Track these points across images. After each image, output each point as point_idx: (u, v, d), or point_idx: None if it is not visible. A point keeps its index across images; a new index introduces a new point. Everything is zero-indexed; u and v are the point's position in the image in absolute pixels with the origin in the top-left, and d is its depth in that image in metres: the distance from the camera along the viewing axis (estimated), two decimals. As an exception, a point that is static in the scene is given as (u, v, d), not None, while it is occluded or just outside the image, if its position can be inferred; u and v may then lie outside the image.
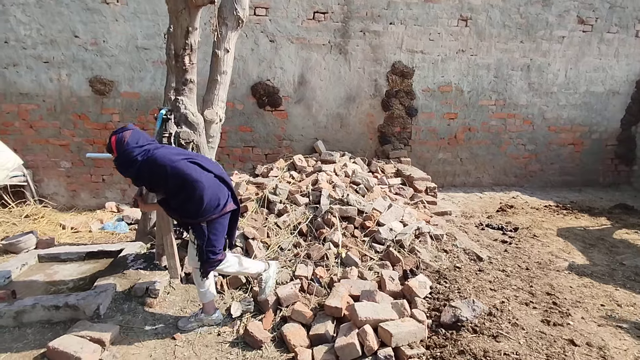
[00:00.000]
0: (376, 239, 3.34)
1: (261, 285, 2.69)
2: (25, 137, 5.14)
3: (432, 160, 6.04)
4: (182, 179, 2.30)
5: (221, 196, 2.43)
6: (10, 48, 4.88)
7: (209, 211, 2.37)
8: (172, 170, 2.29)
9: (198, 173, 2.34)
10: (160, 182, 2.36)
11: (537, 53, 5.94)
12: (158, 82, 5.14)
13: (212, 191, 2.37)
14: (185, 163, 2.33)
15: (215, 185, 2.41)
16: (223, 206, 2.43)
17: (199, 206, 2.34)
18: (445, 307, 2.47)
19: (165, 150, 2.38)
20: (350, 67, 5.52)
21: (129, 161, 2.29)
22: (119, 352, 2.30)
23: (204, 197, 2.33)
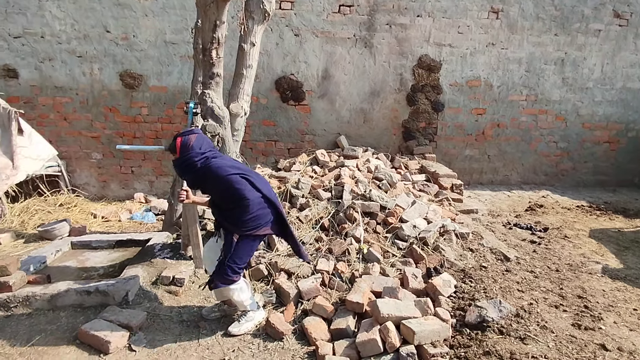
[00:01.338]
0: (399, 235, 3.29)
1: (240, 320, 2.55)
2: (59, 128, 5.36)
3: (458, 157, 5.89)
4: (232, 192, 2.34)
5: (263, 218, 2.43)
6: (46, 43, 5.08)
7: (246, 227, 2.37)
8: (225, 181, 2.33)
9: (247, 190, 2.36)
10: (212, 189, 2.43)
11: (572, 47, 5.67)
12: (185, 76, 5.24)
13: (255, 210, 2.37)
14: (237, 178, 2.36)
15: (261, 206, 2.41)
16: (259, 227, 2.42)
17: (240, 219, 2.37)
18: (471, 307, 2.40)
19: (222, 161, 2.41)
20: (375, 61, 5.44)
21: (189, 166, 2.34)
22: (146, 337, 2.38)
23: (246, 213, 2.35)
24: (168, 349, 2.31)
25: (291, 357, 2.28)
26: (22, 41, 5.06)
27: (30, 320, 2.49)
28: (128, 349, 2.27)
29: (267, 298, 2.80)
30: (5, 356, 2.18)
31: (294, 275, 2.99)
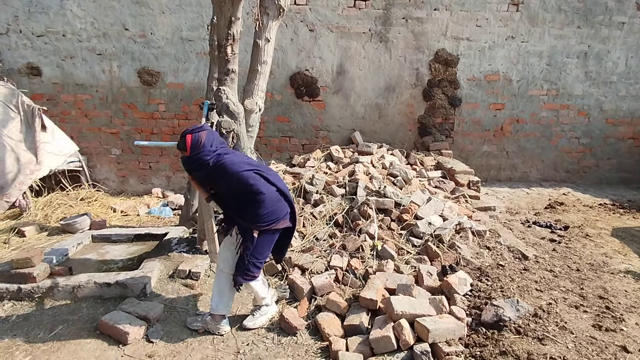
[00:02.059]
0: (414, 232, 3.26)
1: (255, 314, 2.57)
2: (80, 125, 5.50)
3: (475, 153, 5.78)
4: (246, 188, 2.30)
5: (279, 211, 2.39)
6: (67, 41, 5.21)
7: (264, 221, 2.34)
8: (239, 178, 2.29)
9: (262, 184, 2.32)
10: (226, 186, 2.36)
11: (595, 40, 5.47)
12: (201, 73, 5.29)
13: (272, 204, 2.34)
14: (251, 173, 2.32)
15: (276, 199, 2.38)
16: (278, 221, 2.39)
17: (256, 214, 2.32)
18: (487, 306, 2.36)
19: (234, 157, 2.37)
20: (391, 56, 5.38)
21: (200, 164, 2.30)
22: (163, 329, 2.43)
23: (263, 208, 2.31)
24: (185, 341, 2.35)
25: (304, 351, 2.29)
26: (44, 40, 5.20)
27: (53, 310, 2.58)
28: (146, 340, 2.33)
29: (281, 293, 2.82)
30: (30, 345, 2.27)
31: (307, 271, 3.00)
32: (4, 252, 3.54)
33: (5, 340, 2.30)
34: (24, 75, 5.29)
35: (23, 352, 2.20)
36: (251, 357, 2.25)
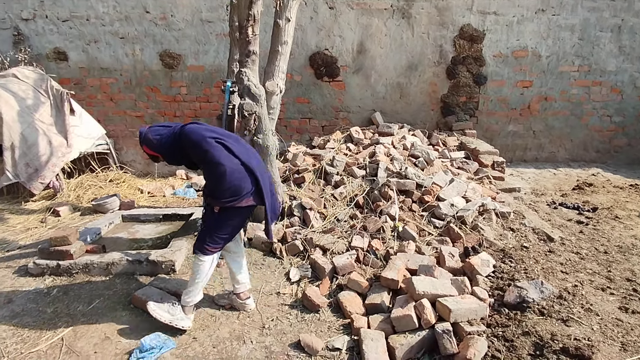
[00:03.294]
0: (435, 214, 3.24)
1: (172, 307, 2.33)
2: (106, 108, 5.65)
3: (500, 133, 5.63)
4: (206, 156, 2.17)
5: (242, 189, 2.20)
6: (91, 25, 5.30)
7: (224, 198, 2.18)
8: (199, 145, 2.18)
9: (223, 155, 2.17)
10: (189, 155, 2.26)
11: (629, 13, 5.14)
12: (221, 55, 5.30)
13: (234, 178, 2.17)
14: (211, 141, 2.17)
15: (239, 174, 2.20)
16: (240, 199, 2.20)
17: (216, 189, 2.18)
18: (510, 287, 2.35)
19: (195, 126, 2.27)
20: (414, 33, 5.22)
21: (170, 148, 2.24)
22: (191, 305, 2.54)
23: (223, 182, 2.16)
24: (213, 315, 2.46)
25: (327, 328, 2.36)
26: (69, 24, 5.30)
27: (90, 285, 2.73)
28: (176, 314, 2.44)
29: (303, 272, 2.89)
30: (71, 316, 2.43)
31: (328, 252, 3.05)
32: (42, 230, 3.74)
33: (48, 312, 2.47)
34: (52, 60, 5.44)
35: (65, 323, 2.36)
36: (276, 331, 2.34)
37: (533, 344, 2.00)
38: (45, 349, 2.16)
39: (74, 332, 2.29)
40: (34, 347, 2.17)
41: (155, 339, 2.14)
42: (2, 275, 2.88)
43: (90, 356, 2.11)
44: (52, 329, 2.31)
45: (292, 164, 4.21)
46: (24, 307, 2.51)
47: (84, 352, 2.14)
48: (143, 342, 2.11)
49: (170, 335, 2.25)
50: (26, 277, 2.83)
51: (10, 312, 2.46)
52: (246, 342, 2.25)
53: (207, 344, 2.22)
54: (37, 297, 2.60)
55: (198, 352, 2.16)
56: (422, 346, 2.09)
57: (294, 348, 2.20)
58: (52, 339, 2.22)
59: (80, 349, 2.16)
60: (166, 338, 2.19)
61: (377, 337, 2.09)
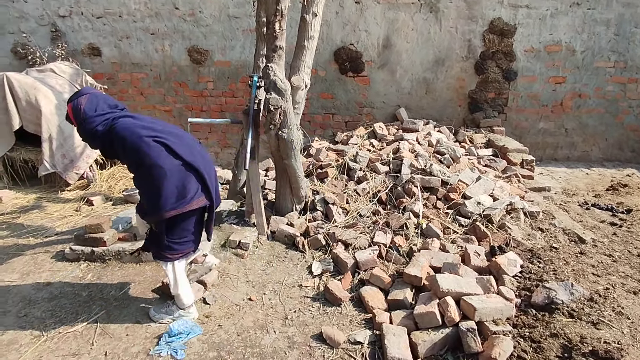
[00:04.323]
0: (461, 212, 3.19)
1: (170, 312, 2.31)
2: (137, 103, 5.83)
3: (530, 130, 5.44)
4: (142, 159, 1.95)
5: (188, 187, 2.01)
6: (123, 22, 5.47)
7: (169, 204, 1.98)
8: (131, 145, 1.95)
9: (161, 157, 1.95)
10: (122, 157, 2.05)
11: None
12: (247, 50, 5.36)
13: (176, 179, 1.98)
14: (148, 142, 1.95)
15: (181, 173, 2.00)
16: (190, 200, 2.02)
17: (157, 197, 1.96)
18: (538, 288, 2.30)
19: (130, 121, 2.03)
20: (441, 27, 5.11)
21: (89, 132, 2.02)
22: (217, 293, 2.62)
23: (163, 187, 1.94)
24: (237, 304, 2.53)
25: (349, 321, 2.38)
26: (103, 21, 5.49)
27: (122, 271, 2.86)
28: (203, 302, 2.53)
29: (325, 266, 2.91)
30: (104, 300, 2.55)
31: (351, 246, 3.06)
32: (77, 218, 3.93)
33: (83, 295, 2.60)
34: (86, 55, 5.66)
35: (99, 306, 2.48)
36: (298, 323, 2.37)
37: (561, 346, 1.96)
38: (81, 330, 2.28)
39: (107, 315, 2.40)
40: (70, 328, 2.29)
41: (183, 325, 2.22)
42: (41, 259, 3.05)
43: (122, 338, 2.22)
44: (87, 312, 2.43)
45: (315, 159, 4.23)
46: (61, 289, 2.65)
47: (116, 335, 2.24)
48: (171, 327, 2.20)
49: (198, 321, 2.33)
50: (63, 262, 2.98)
51: (49, 294, 2.60)
52: (269, 331, 2.30)
53: (232, 331, 2.29)
54: (73, 280, 2.75)
55: (223, 339, 2.22)
56: (445, 343, 2.07)
57: (316, 340, 2.23)
58: (87, 321, 2.35)
59: (112, 331, 2.27)
60: (193, 324, 2.27)
61: (399, 332, 2.09)
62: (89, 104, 2.01)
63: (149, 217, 2.09)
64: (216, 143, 5.92)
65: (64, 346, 2.16)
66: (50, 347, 2.15)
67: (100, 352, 2.12)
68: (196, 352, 2.12)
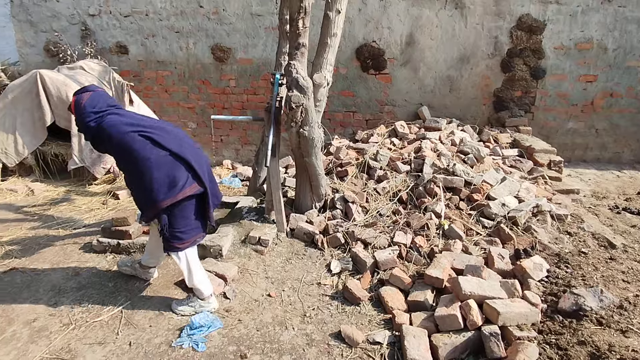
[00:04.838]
0: (485, 213, 3.11)
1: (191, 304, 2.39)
2: (161, 100, 5.97)
3: (558, 130, 5.26)
4: (129, 154, 2.06)
5: (178, 175, 2.10)
6: (149, 20, 5.60)
7: (161, 194, 2.07)
8: (117, 141, 2.07)
9: (146, 149, 2.05)
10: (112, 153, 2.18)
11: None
12: (269, 48, 5.39)
13: (165, 169, 2.08)
14: (133, 136, 2.06)
15: (169, 162, 2.09)
16: (182, 188, 2.11)
17: (150, 189, 2.06)
18: (565, 294, 2.22)
19: (116, 118, 2.13)
20: (467, 24, 4.99)
21: (84, 126, 2.14)
22: (237, 288, 2.65)
23: (153, 177, 2.05)
24: (257, 300, 2.55)
25: (368, 321, 2.36)
26: (130, 20, 5.64)
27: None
28: (223, 296, 2.57)
29: (344, 265, 2.90)
30: (129, 291, 2.62)
31: (370, 246, 3.04)
32: (103, 211, 4.06)
33: (109, 286, 2.68)
34: (114, 53, 5.82)
35: (124, 297, 2.56)
36: (317, 320, 2.38)
37: (589, 354, 1.89)
38: (107, 320, 2.35)
39: (132, 306, 2.47)
40: (97, 317, 2.37)
41: (204, 318, 2.26)
42: (70, 250, 3.17)
43: (146, 329, 2.28)
44: (113, 302, 2.51)
45: (335, 157, 4.22)
46: (88, 280, 2.74)
47: (140, 325, 2.30)
48: (193, 320, 2.24)
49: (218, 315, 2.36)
50: (90, 253, 3.09)
51: (77, 284, 2.70)
52: (288, 328, 2.31)
53: (252, 326, 2.31)
54: (100, 272, 2.84)
55: (243, 334, 2.25)
56: (467, 347, 2.03)
57: (335, 338, 2.22)
58: (113, 311, 2.42)
59: (137, 322, 2.33)
60: (214, 318, 2.30)
61: (419, 334, 2.07)
62: (91, 100, 2.14)
63: (147, 211, 2.18)
64: (237, 140, 5.99)
65: (91, 334, 2.23)
66: (78, 335, 2.23)
67: (125, 341, 2.18)
68: (216, 346, 2.15)
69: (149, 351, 2.11)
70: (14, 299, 2.55)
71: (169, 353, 2.10)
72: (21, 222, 3.77)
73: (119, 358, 2.07)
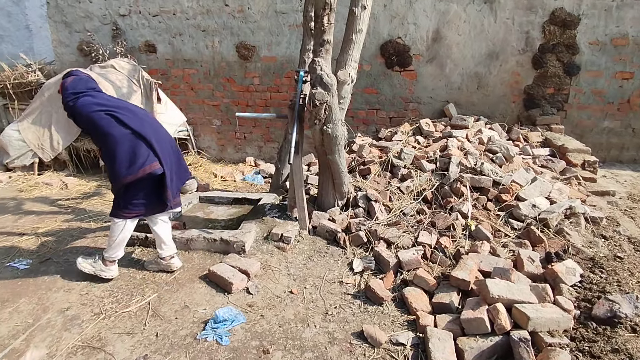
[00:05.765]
0: (514, 214, 3.01)
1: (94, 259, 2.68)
2: (187, 97, 6.09)
3: (593, 129, 5.02)
4: (96, 130, 2.33)
5: (139, 152, 2.33)
6: (177, 19, 5.72)
7: (123, 169, 2.33)
8: (86, 119, 2.34)
9: (111, 126, 2.30)
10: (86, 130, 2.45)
11: None
12: (292, 45, 5.40)
13: (126, 147, 2.31)
14: (100, 115, 2.31)
15: (130, 140, 2.33)
16: (142, 165, 2.34)
17: (113, 163, 2.33)
18: (600, 300, 2.12)
19: (89, 99, 2.38)
20: (497, 18, 4.83)
21: (64, 105, 2.41)
22: (260, 284, 2.67)
23: (116, 152, 2.30)
24: (279, 296, 2.56)
25: (391, 322, 2.33)
26: (158, 19, 5.78)
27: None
28: (246, 291, 2.59)
29: (367, 264, 2.87)
30: (156, 283, 2.69)
31: (393, 245, 2.99)
32: (132, 206, 4.18)
33: (137, 278, 2.76)
34: (143, 52, 5.98)
35: (151, 289, 2.63)
36: (339, 319, 2.36)
37: (625, 364, 1.80)
38: (135, 311, 2.42)
39: (158, 298, 2.54)
40: (125, 308, 2.44)
41: (228, 312, 2.29)
42: (100, 242, 3.29)
43: (172, 321, 2.33)
44: (140, 294, 2.58)
45: (357, 155, 4.18)
46: (118, 272, 2.83)
47: (166, 317, 2.36)
48: (217, 313, 2.27)
49: (242, 310, 2.39)
50: (120, 246, 3.18)
51: (107, 275, 2.79)
52: (310, 325, 2.31)
53: (274, 322, 2.32)
54: (129, 264, 2.93)
55: (265, 329, 2.26)
56: (494, 352, 1.97)
57: (357, 337, 2.20)
58: (140, 302, 2.49)
59: (163, 313, 2.39)
60: (237, 312, 2.33)
61: (444, 337, 2.02)
62: (72, 82, 2.42)
63: (114, 184, 2.47)
64: (260, 137, 6.05)
65: (120, 324, 2.30)
66: (108, 324, 2.31)
67: (152, 332, 2.24)
68: (239, 340, 2.18)
69: (175, 343, 2.16)
70: (49, 287, 2.66)
71: (193, 345, 2.14)
72: (56, 215, 3.94)
73: (146, 348, 2.12)
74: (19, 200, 4.41)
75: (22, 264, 2.94)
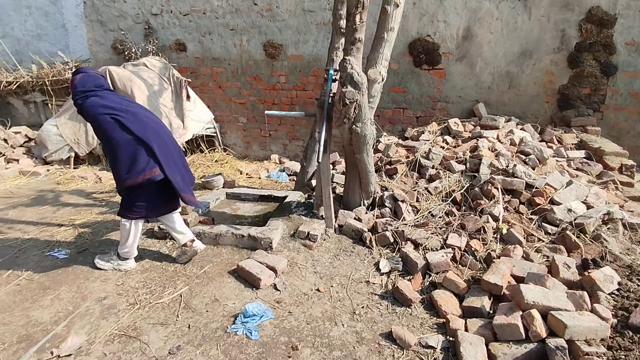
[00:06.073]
0: (548, 218, 2.92)
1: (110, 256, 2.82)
2: (215, 95, 6.20)
3: (630, 132, 4.80)
4: (101, 132, 2.39)
5: (139, 158, 2.36)
6: (206, 18, 5.82)
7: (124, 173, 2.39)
8: (93, 120, 2.39)
9: (114, 130, 2.34)
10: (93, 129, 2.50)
11: None
12: (319, 44, 5.41)
13: (128, 151, 2.35)
14: (105, 118, 2.34)
15: (132, 146, 2.36)
16: (142, 171, 2.38)
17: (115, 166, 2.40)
18: (637, 308, 2.05)
19: (97, 100, 2.41)
20: (531, 16, 4.68)
21: (74, 102, 2.46)
22: (287, 280, 2.70)
23: (118, 156, 2.35)
24: (306, 293, 2.59)
25: (419, 324, 2.31)
26: (189, 18, 5.90)
27: (202, 251, 3.06)
28: (273, 288, 2.63)
29: (394, 265, 2.85)
30: (187, 276, 2.76)
31: (421, 247, 2.96)
32: (162, 200, 4.30)
33: (169, 270, 2.85)
34: (173, 50, 6.13)
35: (183, 282, 2.70)
36: (366, 319, 2.36)
37: (667, 378, 1.72)
38: (168, 302, 2.50)
39: (189, 290, 2.61)
40: (159, 299, 2.52)
41: (257, 307, 2.33)
42: (133, 235, 3.39)
43: (203, 314, 2.39)
44: (173, 286, 2.66)
45: (384, 154, 4.15)
46: (151, 264, 2.93)
47: (197, 310, 2.42)
48: (247, 308, 2.31)
49: (270, 306, 2.42)
50: (152, 239, 3.29)
51: (141, 267, 2.89)
52: (337, 324, 2.32)
53: (302, 319, 2.35)
54: (161, 257, 3.02)
55: (294, 326, 2.29)
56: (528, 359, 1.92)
57: (385, 338, 2.20)
58: (173, 294, 2.56)
59: (195, 306, 2.46)
60: (266, 308, 2.37)
61: (476, 341, 1.99)
62: (81, 80, 2.46)
63: (117, 185, 2.54)
64: (285, 135, 6.09)
65: (154, 315, 2.38)
66: (142, 314, 2.39)
67: (184, 324, 2.30)
68: (268, 335, 2.21)
69: (206, 335, 2.21)
70: (86, 277, 2.78)
71: (224, 338, 2.19)
72: (91, 207, 4.10)
73: (179, 339, 2.19)
74: (57, 193, 4.61)
75: (62, 254, 3.08)
